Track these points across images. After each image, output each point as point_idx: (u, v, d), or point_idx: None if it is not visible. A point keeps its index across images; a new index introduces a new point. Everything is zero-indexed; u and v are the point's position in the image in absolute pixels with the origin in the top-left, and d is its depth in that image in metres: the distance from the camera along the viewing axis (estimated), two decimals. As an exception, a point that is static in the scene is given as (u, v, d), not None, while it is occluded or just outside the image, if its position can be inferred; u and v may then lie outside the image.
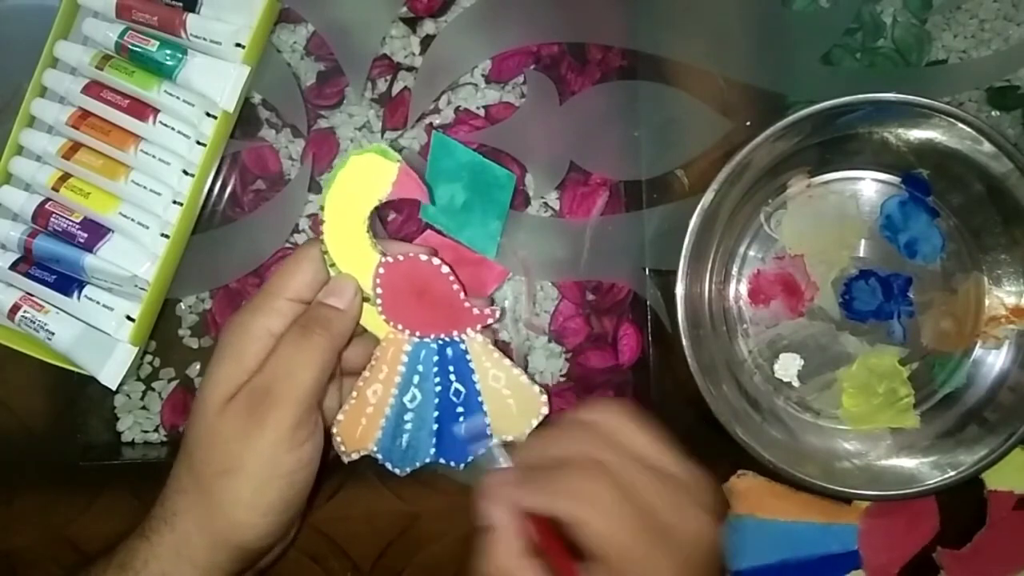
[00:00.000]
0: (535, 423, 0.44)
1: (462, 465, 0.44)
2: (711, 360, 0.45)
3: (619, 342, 0.49)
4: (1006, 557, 0.49)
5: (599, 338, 0.49)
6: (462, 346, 0.43)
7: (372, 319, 0.42)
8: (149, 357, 0.49)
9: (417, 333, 0.43)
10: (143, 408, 0.49)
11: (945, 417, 0.47)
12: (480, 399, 0.43)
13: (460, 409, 0.44)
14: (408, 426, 0.44)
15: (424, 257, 0.41)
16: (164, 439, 0.49)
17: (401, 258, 0.41)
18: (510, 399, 0.44)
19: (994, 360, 0.47)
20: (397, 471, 0.44)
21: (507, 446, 0.43)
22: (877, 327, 0.48)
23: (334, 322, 0.40)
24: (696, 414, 0.46)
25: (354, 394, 0.43)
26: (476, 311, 0.42)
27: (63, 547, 0.49)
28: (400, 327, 0.42)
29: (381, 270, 0.42)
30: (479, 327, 0.43)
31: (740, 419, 0.44)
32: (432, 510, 0.48)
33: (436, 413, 0.43)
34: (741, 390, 0.47)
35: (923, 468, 0.45)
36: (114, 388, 0.43)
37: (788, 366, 0.48)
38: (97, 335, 0.43)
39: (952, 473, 0.44)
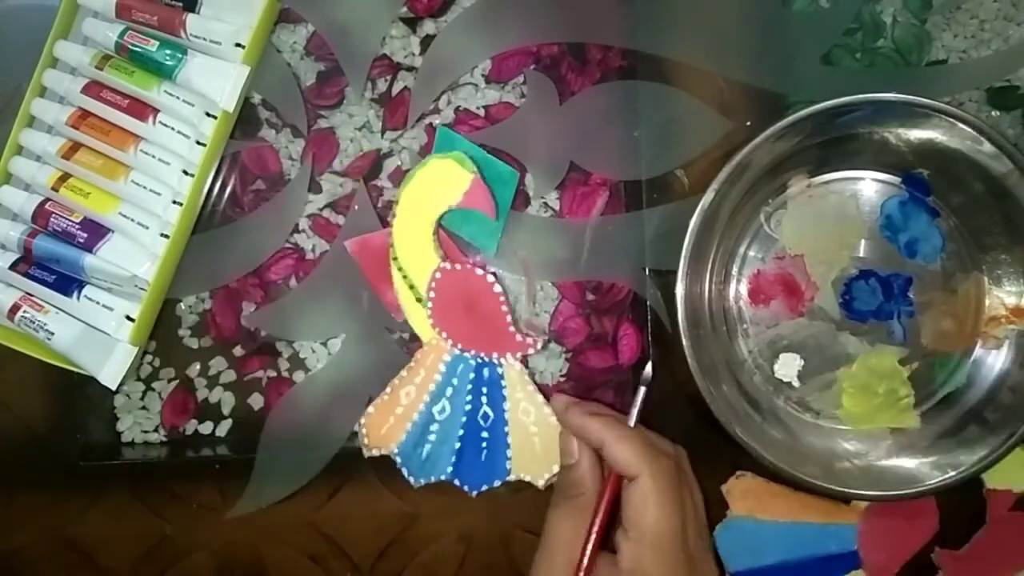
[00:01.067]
0: (556, 469, 0.44)
1: (475, 493, 0.44)
2: (711, 360, 0.45)
3: (619, 342, 0.49)
4: (1005, 557, 0.49)
5: (599, 338, 0.49)
6: (499, 370, 0.43)
7: (420, 321, 0.43)
8: (149, 357, 0.49)
9: (459, 345, 0.43)
10: (143, 408, 0.49)
11: (945, 417, 0.47)
12: (506, 428, 0.44)
13: (485, 434, 0.44)
14: (432, 437, 0.44)
15: (480, 271, 0.42)
16: (164, 439, 0.49)
17: (459, 267, 0.42)
18: (535, 437, 0.44)
19: (994, 360, 0.47)
20: (411, 480, 0.44)
21: None
22: (877, 327, 0.48)
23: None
24: (696, 414, 0.46)
25: (388, 390, 0.44)
26: (519, 337, 0.43)
27: (63, 547, 0.49)
28: (444, 335, 0.43)
29: (438, 275, 0.42)
30: (519, 355, 0.43)
31: (740, 419, 0.44)
32: (432, 510, 0.48)
33: (461, 432, 0.44)
34: (741, 390, 0.47)
35: (923, 468, 0.45)
36: (114, 388, 0.44)
37: (788, 366, 0.48)
38: (97, 335, 0.43)
39: (952, 473, 0.44)
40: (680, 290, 0.43)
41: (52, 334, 0.43)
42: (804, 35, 0.48)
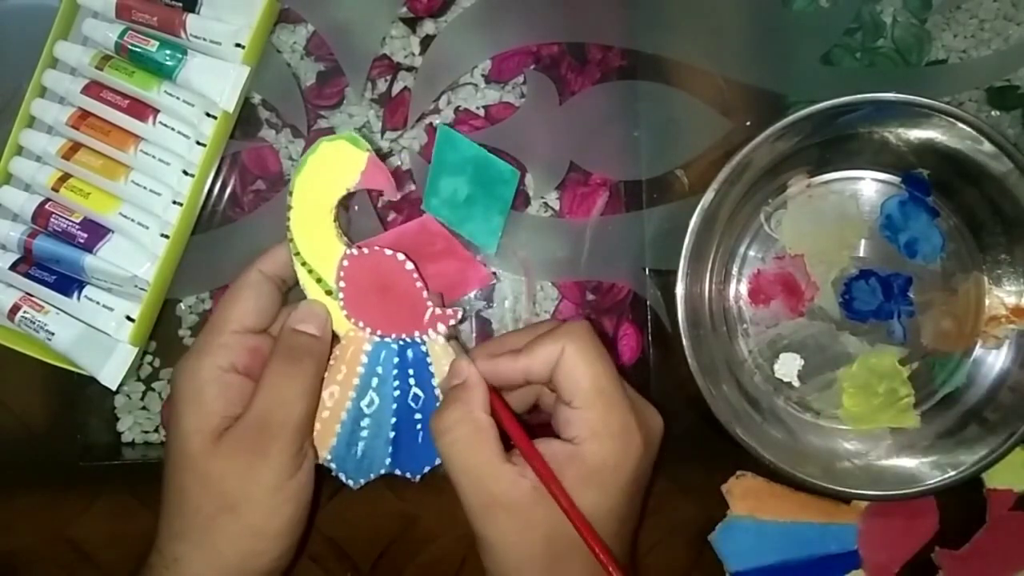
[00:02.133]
0: None
1: (418, 477, 0.43)
2: (711, 360, 0.45)
3: (619, 342, 0.49)
4: (1005, 557, 0.49)
5: (602, 338, 0.49)
6: (423, 348, 0.42)
7: (333, 314, 0.42)
8: (149, 357, 0.49)
9: (378, 332, 0.41)
10: (143, 408, 0.49)
11: (945, 417, 0.47)
12: (438, 405, 0.41)
13: (418, 416, 0.42)
14: (364, 433, 0.42)
15: (389, 252, 0.41)
16: (164, 439, 0.49)
17: (366, 251, 0.41)
18: None
19: (994, 360, 0.47)
20: (350, 483, 0.42)
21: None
22: (877, 327, 0.48)
23: (315, 349, 0.41)
24: (696, 414, 0.46)
25: None
26: (438, 311, 0.41)
27: (63, 547, 0.49)
28: (361, 324, 0.41)
29: (345, 263, 0.41)
30: (441, 328, 0.41)
31: (740, 419, 0.44)
32: (432, 510, 0.48)
33: (394, 420, 0.42)
34: (741, 390, 0.47)
35: (923, 468, 0.45)
36: (114, 388, 0.43)
37: (788, 366, 0.48)
38: (97, 335, 0.43)
39: (952, 473, 0.44)
40: (680, 290, 0.43)
41: (52, 334, 0.43)
42: (804, 35, 0.48)
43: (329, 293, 0.41)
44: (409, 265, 0.41)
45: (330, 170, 0.40)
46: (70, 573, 0.49)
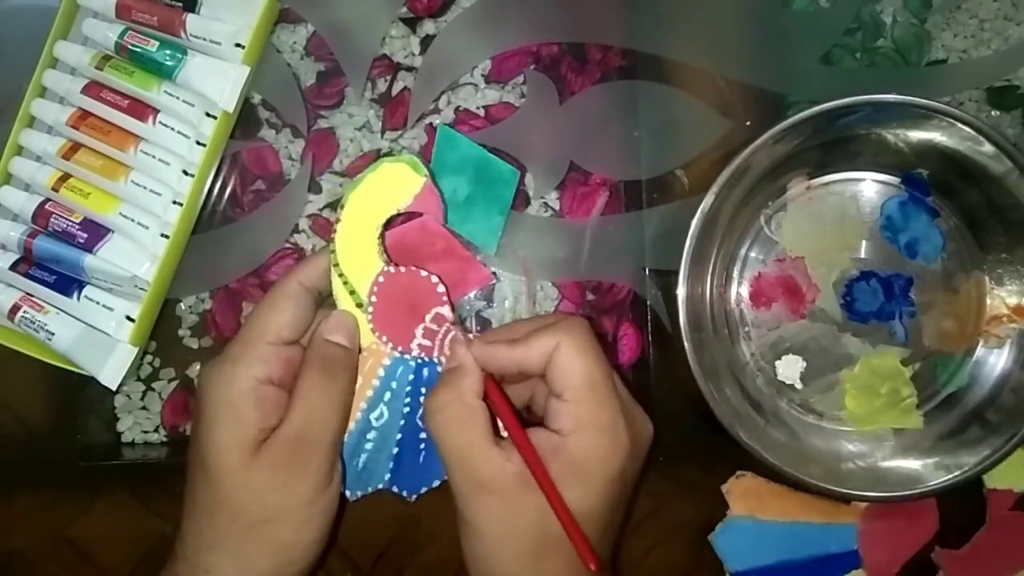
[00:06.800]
0: None
1: (414, 497, 0.44)
2: (713, 363, 0.45)
3: (619, 342, 0.49)
4: (1005, 557, 0.49)
5: (599, 338, 0.48)
6: (439, 368, 0.42)
7: (360, 327, 0.42)
8: (149, 357, 0.49)
9: (399, 348, 0.42)
10: (143, 408, 0.49)
11: (948, 418, 0.47)
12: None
13: (423, 435, 0.43)
14: (369, 446, 0.43)
15: (424, 273, 0.41)
16: (164, 439, 0.49)
17: (403, 269, 0.42)
18: None
19: (996, 360, 0.47)
20: (347, 493, 0.43)
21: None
22: (879, 328, 0.48)
23: (348, 362, 0.41)
24: (697, 414, 0.46)
25: None
26: (459, 335, 0.41)
27: (63, 547, 0.49)
28: (384, 339, 0.42)
29: (381, 278, 0.41)
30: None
31: (743, 422, 0.44)
32: (432, 510, 0.48)
33: (399, 436, 0.43)
34: (744, 393, 0.46)
35: (926, 469, 0.45)
36: (114, 388, 0.43)
37: (790, 368, 0.48)
38: (97, 335, 0.43)
39: (956, 473, 0.44)
40: (681, 293, 0.43)
41: (52, 334, 0.43)
42: (804, 35, 0.48)
43: (360, 306, 0.42)
44: (441, 288, 0.41)
45: (386, 189, 0.41)
46: (70, 573, 0.49)
